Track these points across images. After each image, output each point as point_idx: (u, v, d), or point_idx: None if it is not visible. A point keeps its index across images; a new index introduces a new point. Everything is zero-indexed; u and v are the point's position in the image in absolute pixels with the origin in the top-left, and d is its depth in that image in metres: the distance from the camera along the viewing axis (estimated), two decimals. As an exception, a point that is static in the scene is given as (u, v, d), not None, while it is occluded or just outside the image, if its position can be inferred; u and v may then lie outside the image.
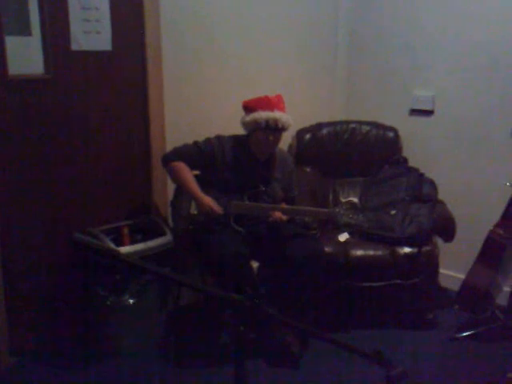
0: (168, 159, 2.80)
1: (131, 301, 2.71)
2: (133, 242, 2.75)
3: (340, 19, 3.77)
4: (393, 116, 3.62)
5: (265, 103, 2.70)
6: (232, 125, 2.75)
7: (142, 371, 2.64)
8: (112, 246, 2.61)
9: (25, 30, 2.52)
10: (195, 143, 2.82)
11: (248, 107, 2.74)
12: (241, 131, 2.82)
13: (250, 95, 2.78)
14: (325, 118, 3.67)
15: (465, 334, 2.96)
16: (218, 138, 2.84)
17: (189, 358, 2.76)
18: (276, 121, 2.68)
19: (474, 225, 3.23)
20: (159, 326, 2.88)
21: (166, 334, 2.89)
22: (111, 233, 2.77)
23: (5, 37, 2.41)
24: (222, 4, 3.15)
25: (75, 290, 2.77)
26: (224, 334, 2.88)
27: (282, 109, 2.72)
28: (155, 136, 2.99)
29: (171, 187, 2.96)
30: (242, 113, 2.78)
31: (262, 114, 2.67)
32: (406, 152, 3.51)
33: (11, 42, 2.44)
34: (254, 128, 2.71)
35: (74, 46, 2.65)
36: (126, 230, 2.79)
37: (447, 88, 3.40)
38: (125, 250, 2.64)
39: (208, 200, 2.70)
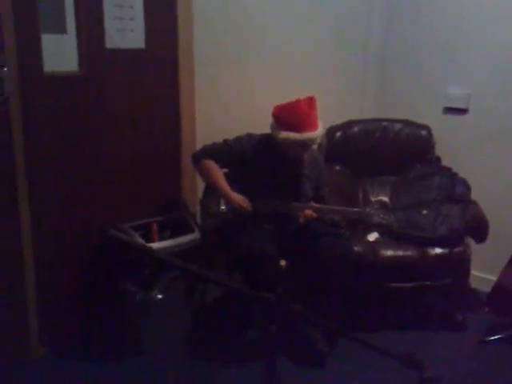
0: (198, 157, 2.82)
1: (159, 296, 2.74)
2: (161, 238, 2.78)
3: (374, 16, 3.73)
4: (426, 114, 3.57)
5: (295, 122, 2.62)
6: (263, 122, 2.75)
7: (169, 366, 2.67)
8: (142, 242, 2.64)
9: (60, 28, 2.56)
10: (225, 141, 2.83)
11: (278, 120, 2.69)
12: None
13: (283, 92, 2.76)
14: (356, 116, 3.64)
15: (495, 337, 2.91)
16: (249, 136, 2.84)
17: (215, 354, 2.77)
18: (304, 143, 2.67)
19: (508, 226, 3.17)
20: (186, 321, 2.91)
21: (192, 329, 2.91)
22: (140, 229, 2.80)
23: (41, 34, 2.46)
24: (257, 3, 3.14)
25: (105, 284, 2.81)
26: (250, 331, 2.89)
27: (313, 125, 2.65)
28: (186, 133, 3.02)
29: (201, 184, 2.98)
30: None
31: (292, 137, 2.63)
32: (439, 151, 3.46)
33: (47, 40, 2.48)
34: (281, 142, 2.70)
35: (108, 44, 2.68)
36: (155, 227, 2.82)
37: (482, 86, 3.33)
38: (154, 246, 2.66)
39: (237, 198, 2.71)
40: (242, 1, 3.11)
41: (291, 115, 2.65)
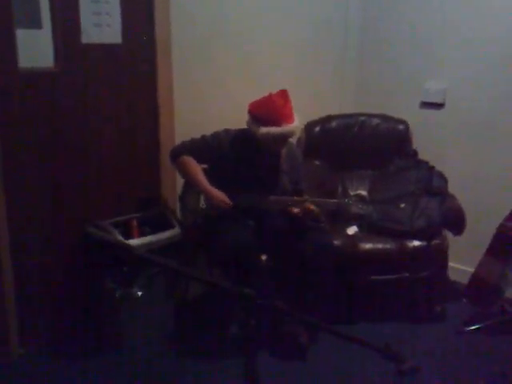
0: (176, 153, 2.81)
1: (139, 293, 2.73)
2: (141, 234, 2.77)
3: (350, 11, 3.74)
4: (403, 109, 3.60)
5: (272, 116, 2.63)
6: (241, 118, 2.75)
7: (150, 363, 2.66)
8: (121, 238, 2.63)
9: (35, 23, 2.52)
10: (203, 137, 2.82)
11: (255, 117, 2.69)
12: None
13: (260, 87, 2.76)
14: (334, 111, 3.65)
15: (473, 328, 2.95)
16: (226, 131, 2.84)
17: (197, 350, 2.77)
18: (284, 136, 2.68)
19: (484, 218, 3.22)
20: (167, 318, 2.90)
21: (173, 326, 2.91)
22: (120, 225, 2.78)
23: (15, 29, 2.42)
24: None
25: (84, 282, 2.79)
26: (231, 326, 2.90)
27: (289, 117, 2.66)
28: (164, 128, 3.00)
29: (180, 180, 2.96)
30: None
31: (273, 131, 2.63)
32: (416, 145, 3.49)
33: (21, 35, 2.45)
34: (262, 138, 2.70)
35: (84, 39, 2.65)
36: (134, 223, 2.80)
37: (459, 81, 3.37)
38: (133, 242, 2.65)
39: (217, 193, 2.71)
40: (220, -5, 3.10)
41: (267, 110, 2.65)
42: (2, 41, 2.38)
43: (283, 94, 2.67)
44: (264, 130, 2.64)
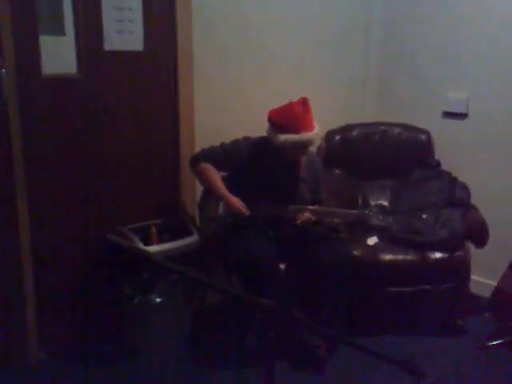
0: (195, 161, 2.81)
1: (158, 300, 2.73)
2: (160, 241, 2.77)
3: (374, 20, 3.73)
4: (425, 118, 3.56)
5: (292, 124, 2.62)
6: (261, 126, 2.74)
7: (168, 370, 2.65)
8: (141, 245, 2.63)
9: (59, 30, 2.56)
10: (222, 145, 2.82)
11: (274, 124, 2.68)
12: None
13: (280, 95, 2.75)
14: (355, 120, 3.63)
15: (495, 343, 2.89)
16: (246, 139, 2.84)
17: (214, 359, 2.76)
18: (303, 144, 2.66)
19: (508, 231, 3.16)
20: (185, 325, 2.89)
21: (191, 334, 2.90)
22: (139, 231, 2.78)
23: (40, 36, 2.45)
24: (256, 5, 3.14)
25: (104, 288, 2.79)
26: (250, 336, 2.88)
27: (309, 125, 2.64)
28: (184, 136, 3.00)
29: (199, 188, 2.96)
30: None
31: (291, 139, 2.62)
32: (439, 155, 3.45)
33: (45, 42, 2.47)
34: (281, 146, 2.68)
35: (107, 46, 2.67)
36: (154, 230, 2.80)
37: (482, 91, 3.33)
38: (152, 249, 2.65)
39: (236, 201, 2.70)
40: (242, 3, 3.10)
41: (287, 118, 2.64)
42: (26, 47, 2.41)
43: (304, 102, 2.66)
44: (283, 137, 2.63)
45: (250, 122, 3.10)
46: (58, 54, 2.59)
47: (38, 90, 2.49)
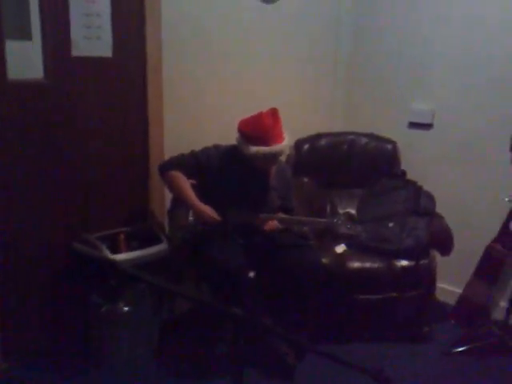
0: (165, 168, 2.79)
1: (126, 309, 2.69)
2: (129, 249, 2.73)
3: (340, 31, 3.78)
4: (392, 128, 3.62)
5: (262, 136, 2.62)
6: (231, 134, 2.74)
7: (136, 380, 2.62)
8: (108, 253, 2.59)
9: (25, 35, 2.52)
10: (192, 152, 2.81)
11: (244, 135, 2.68)
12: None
13: (250, 105, 2.77)
14: (324, 129, 3.66)
15: (460, 349, 2.94)
16: (216, 147, 2.83)
17: (183, 368, 2.73)
18: (274, 155, 2.67)
19: (472, 239, 3.22)
20: (154, 334, 2.86)
21: (159, 342, 2.87)
22: (107, 239, 2.74)
23: (5, 41, 2.40)
24: (222, 12, 3.15)
25: (70, 296, 2.74)
26: (219, 345, 2.86)
27: (279, 137, 2.65)
28: (154, 143, 2.98)
29: (168, 195, 2.94)
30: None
31: (262, 151, 2.63)
32: (405, 165, 3.51)
33: (11, 46, 2.42)
34: (252, 157, 2.69)
35: (75, 52, 2.64)
36: (122, 237, 2.77)
37: (447, 102, 3.40)
38: (121, 257, 2.62)
39: (205, 208, 2.69)
40: (211, 12, 3.10)
41: (257, 129, 2.64)
42: (-9, 51, 2.36)
43: (273, 112, 2.66)
44: (253, 149, 2.63)
45: (219, 130, 3.11)
46: (25, 59, 2.54)
47: (3, 95, 2.44)
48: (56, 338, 2.76)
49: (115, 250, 2.68)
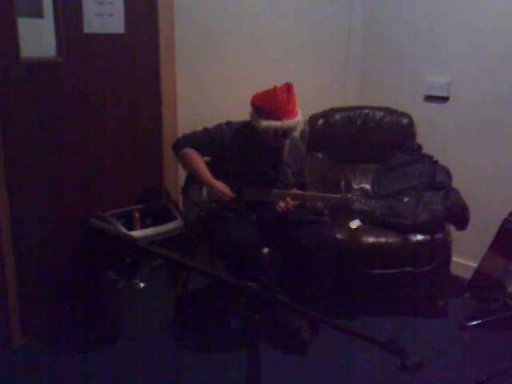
0: (178, 146, 2.79)
1: (142, 285, 2.72)
2: (143, 226, 2.76)
3: (355, 5, 3.71)
4: (407, 102, 3.57)
5: (274, 110, 2.60)
6: (245, 110, 2.73)
7: (152, 355, 2.66)
8: (123, 230, 2.62)
9: (37, 12, 2.50)
10: (205, 129, 2.80)
11: (256, 109, 2.67)
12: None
13: (264, 79, 2.75)
14: (338, 104, 3.63)
15: (475, 323, 2.94)
16: (228, 123, 2.82)
17: (198, 343, 2.77)
18: (284, 131, 2.65)
19: (488, 213, 3.20)
20: (169, 309, 2.90)
21: (175, 318, 2.91)
22: (122, 217, 2.77)
23: (17, 19, 2.40)
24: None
25: (87, 273, 2.78)
26: (233, 320, 2.89)
27: (291, 112, 2.63)
28: (167, 120, 2.98)
29: (183, 172, 2.95)
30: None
31: (273, 126, 2.61)
32: (420, 139, 3.47)
33: (23, 24, 2.42)
34: (262, 132, 2.68)
35: (87, 29, 2.63)
36: (136, 215, 2.79)
37: (463, 75, 3.34)
38: (135, 234, 2.64)
39: (219, 185, 2.69)
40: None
41: (270, 104, 2.62)
42: (3, 30, 2.36)
43: (288, 87, 2.64)
44: (264, 123, 2.62)
45: (233, 106, 3.09)
46: (37, 37, 2.54)
47: (16, 73, 2.45)
48: (73, 313, 2.81)
49: (130, 228, 2.70)
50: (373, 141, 3.50)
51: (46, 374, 2.52)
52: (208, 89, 3.13)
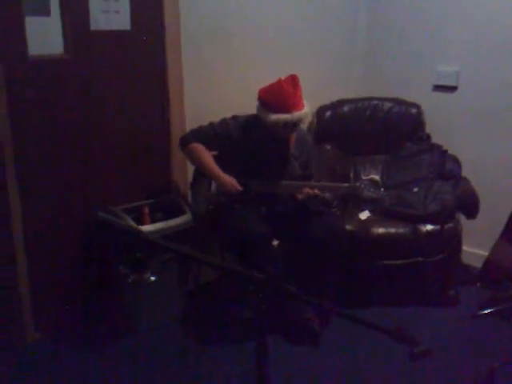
0: (185, 141, 2.81)
1: (152, 278, 2.74)
2: (153, 220, 2.77)
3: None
4: (416, 92, 3.55)
5: (283, 103, 2.60)
6: (252, 103, 2.73)
7: (163, 348, 2.68)
8: (134, 224, 2.64)
9: (44, 10, 2.52)
10: (211, 124, 2.81)
11: (265, 104, 2.67)
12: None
13: (271, 72, 2.75)
14: (346, 95, 3.62)
15: (486, 312, 2.93)
16: (234, 118, 2.83)
17: (209, 335, 2.79)
18: (294, 123, 2.66)
19: (498, 201, 3.18)
20: (180, 303, 2.92)
21: (186, 311, 2.92)
22: (132, 212, 2.79)
23: (25, 17, 2.42)
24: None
25: (98, 267, 2.80)
26: (244, 311, 2.91)
27: (299, 104, 2.63)
28: (174, 115, 2.99)
29: (191, 167, 2.97)
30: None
31: (283, 119, 2.61)
32: (429, 128, 3.45)
33: (31, 23, 2.44)
34: (273, 125, 2.68)
35: (93, 26, 2.64)
36: (146, 209, 2.80)
37: (471, 64, 3.32)
38: (145, 228, 2.66)
39: (228, 178, 2.70)
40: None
41: (278, 97, 2.63)
42: (11, 28, 2.39)
43: (293, 79, 2.64)
44: (274, 116, 2.62)
45: (240, 100, 3.09)
46: (44, 35, 2.56)
47: (24, 71, 2.47)
48: (85, 307, 2.83)
49: (140, 222, 2.72)
50: (381, 132, 3.49)
51: (59, 368, 2.55)
52: (215, 83, 3.13)
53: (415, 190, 3.12)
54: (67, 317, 2.82)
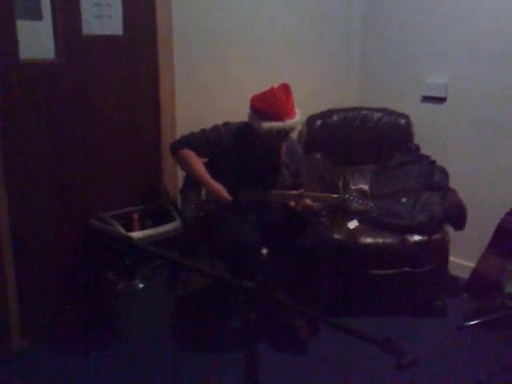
0: (176, 147, 2.80)
1: (141, 285, 2.73)
2: (143, 227, 2.76)
3: (354, 4, 3.74)
4: (405, 103, 3.59)
5: (276, 112, 2.61)
6: (244, 110, 2.74)
7: (152, 355, 2.66)
8: (123, 231, 2.62)
9: (36, 15, 2.51)
10: (202, 131, 2.81)
11: (257, 111, 2.67)
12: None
13: (263, 80, 2.76)
14: (336, 105, 3.64)
15: (473, 323, 2.95)
16: (226, 125, 2.83)
17: (197, 343, 2.78)
18: (286, 131, 2.67)
19: (485, 213, 3.20)
20: (169, 310, 2.90)
21: (174, 318, 2.91)
22: (121, 218, 2.78)
23: (16, 21, 2.41)
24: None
25: (86, 274, 2.79)
26: (233, 318, 2.90)
27: (291, 112, 2.64)
28: (166, 121, 2.99)
29: (181, 174, 2.96)
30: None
31: (276, 127, 2.62)
32: (418, 139, 3.48)
33: (22, 26, 2.43)
34: (265, 133, 2.69)
35: (85, 31, 2.64)
36: (135, 216, 2.80)
37: (460, 75, 3.36)
38: (135, 235, 2.65)
39: (218, 186, 2.70)
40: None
41: (270, 105, 2.63)
42: (2, 32, 2.37)
43: (285, 88, 2.65)
44: (266, 124, 2.63)
45: (232, 107, 3.09)
46: (36, 39, 2.55)
47: (15, 75, 2.46)
48: (73, 315, 2.81)
49: (129, 229, 2.71)
50: (371, 142, 3.51)
51: (46, 376, 2.52)
52: (207, 89, 3.14)
53: (403, 200, 3.14)
54: (55, 324, 2.79)
